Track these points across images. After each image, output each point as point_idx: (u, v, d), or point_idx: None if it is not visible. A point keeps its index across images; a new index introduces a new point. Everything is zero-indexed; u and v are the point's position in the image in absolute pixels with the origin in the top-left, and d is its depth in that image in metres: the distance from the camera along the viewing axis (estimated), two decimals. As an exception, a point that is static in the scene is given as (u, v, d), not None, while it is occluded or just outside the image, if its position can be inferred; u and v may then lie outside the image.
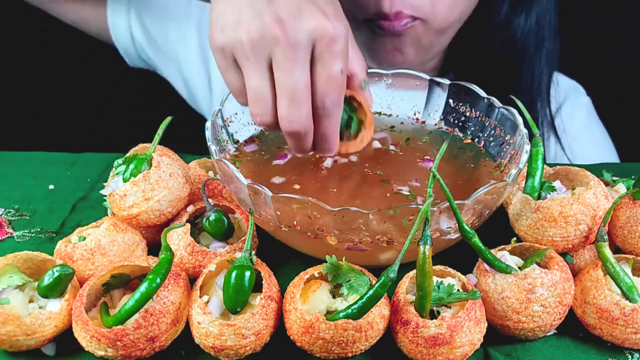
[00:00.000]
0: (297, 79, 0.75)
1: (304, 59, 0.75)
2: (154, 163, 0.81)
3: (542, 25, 1.26)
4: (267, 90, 0.77)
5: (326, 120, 0.79)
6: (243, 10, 0.76)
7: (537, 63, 1.29)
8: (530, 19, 1.25)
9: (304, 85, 0.76)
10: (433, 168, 0.70)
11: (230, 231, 0.83)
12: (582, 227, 0.77)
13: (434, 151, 0.94)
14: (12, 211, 0.95)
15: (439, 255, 0.82)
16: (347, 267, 0.72)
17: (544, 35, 1.27)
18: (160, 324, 0.69)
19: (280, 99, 0.77)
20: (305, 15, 0.75)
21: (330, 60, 0.76)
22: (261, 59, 0.76)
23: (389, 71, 1.00)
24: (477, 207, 0.76)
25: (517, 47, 1.27)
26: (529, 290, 0.71)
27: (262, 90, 0.77)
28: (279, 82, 0.76)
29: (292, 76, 0.75)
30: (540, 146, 0.82)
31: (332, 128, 0.80)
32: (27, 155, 1.08)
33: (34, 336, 0.70)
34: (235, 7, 0.77)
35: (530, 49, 1.27)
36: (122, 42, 1.41)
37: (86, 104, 1.70)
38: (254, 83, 0.77)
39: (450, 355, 0.69)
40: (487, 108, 0.95)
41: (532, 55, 1.28)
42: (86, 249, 0.77)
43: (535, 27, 1.26)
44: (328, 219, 0.74)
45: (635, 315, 0.71)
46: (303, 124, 0.77)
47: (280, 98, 0.77)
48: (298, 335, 0.69)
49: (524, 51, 1.27)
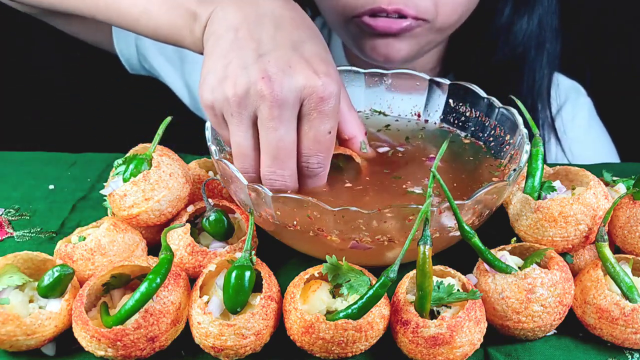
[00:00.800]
0: (280, 137, 0.74)
1: (289, 118, 0.74)
2: (154, 163, 0.81)
3: (544, 26, 1.26)
4: (249, 147, 0.76)
5: (311, 180, 0.79)
6: (232, 65, 0.74)
7: (539, 65, 1.28)
8: (533, 21, 1.24)
9: (288, 145, 0.75)
10: (433, 168, 0.70)
11: (230, 231, 0.83)
12: (582, 227, 0.77)
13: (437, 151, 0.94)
14: (12, 211, 0.95)
15: (439, 255, 0.82)
16: (347, 267, 0.72)
17: (545, 36, 1.26)
18: (160, 324, 0.69)
19: (263, 157, 0.76)
20: (295, 71, 0.73)
21: (317, 120, 0.74)
22: (246, 115, 0.74)
23: (389, 71, 1.00)
24: (477, 207, 0.76)
25: (519, 50, 1.26)
26: (529, 290, 0.71)
27: (245, 147, 0.76)
28: (263, 140, 0.75)
29: (275, 135, 0.73)
30: (540, 146, 0.82)
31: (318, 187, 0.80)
32: (27, 155, 1.08)
33: (34, 336, 0.70)
34: (225, 62, 0.75)
35: (532, 51, 1.27)
36: (126, 52, 1.40)
37: (86, 104, 1.70)
38: (237, 140, 0.76)
39: (450, 355, 0.69)
40: (487, 108, 0.95)
41: (533, 57, 1.27)
42: (86, 249, 0.77)
43: (537, 29, 1.25)
44: (328, 218, 0.74)
45: (635, 315, 0.71)
46: (285, 184, 0.77)
47: (263, 156, 0.76)
48: (298, 335, 0.69)
49: (526, 53, 1.27)
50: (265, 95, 0.72)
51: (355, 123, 0.87)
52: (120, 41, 1.39)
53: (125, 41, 1.39)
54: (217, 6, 0.79)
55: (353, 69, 1.00)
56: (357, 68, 1.00)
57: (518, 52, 1.26)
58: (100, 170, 1.05)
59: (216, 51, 0.77)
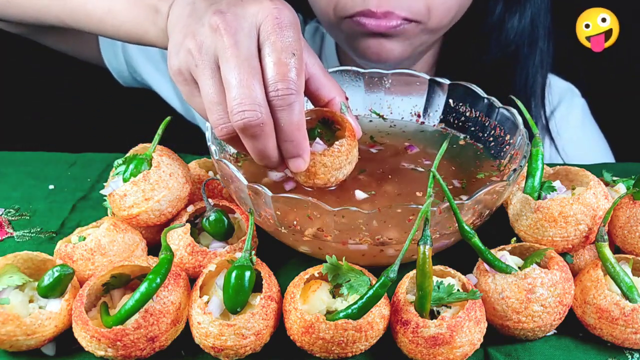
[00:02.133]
0: (240, 64, 0.68)
1: (247, 46, 0.70)
2: (154, 163, 0.81)
3: (536, 24, 1.25)
4: (218, 93, 0.71)
5: (284, 112, 0.70)
6: (189, 25, 0.74)
7: (531, 63, 1.27)
8: (525, 19, 1.24)
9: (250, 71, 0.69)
10: (433, 168, 0.70)
11: (230, 231, 0.83)
12: (582, 227, 0.77)
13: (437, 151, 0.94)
14: (12, 211, 0.95)
15: (439, 255, 0.82)
16: (347, 267, 0.72)
17: (537, 34, 1.26)
18: (160, 324, 0.69)
19: (227, 94, 0.69)
20: (247, 3, 0.71)
21: (278, 42, 0.70)
22: (209, 61, 0.71)
23: (388, 71, 1.00)
24: (477, 207, 0.77)
25: (511, 47, 1.26)
26: (529, 290, 0.71)
27: (214, 93, 0.71)
28: (224, 75, 0.70)
29: (235, 62, 0.69)
30: (540, 146, 0.82)
31: (295, 122, 0.71)
32: (27, 155, 1.08)
33: (34, 336, 0.70)
34: (183, 26, 0.75)
35: (524, 48, 1.26)
36: (116, 65, 1.40)
37: (86, 104, 1.70)
38: (206, 89, 0.71)
39: (450, 355, 0.69)
40: (487, 108, 0.95)
41: (526, 55, 1.27)
42: (86, 249, 0.77)
43: (530, 27, 1.25)
44: (328, 219, 0.74)
45: (635, 315, 0.71)
46: (254, 113, 0.69)
47: (227, 92, 0.69)
48: (298, 335, 0.69)
49: (518, 51, 1.26)
50: (219, 27, 0.70)
51: (333, 85, 0.82)
52: (109, 55, 1.39)
53: (113, 54, 1.39)
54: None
55: (353, 69, 1.00)
56: (357, 68, 1.00)
57: (510, 50, 1.26)
58: (100, 170, 1.05)
59: (177, 26, 0.77)
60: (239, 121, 0.69)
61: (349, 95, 0.88)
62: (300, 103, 0.72)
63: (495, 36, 1.24)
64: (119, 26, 0.88)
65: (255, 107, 0.69)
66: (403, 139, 0.97)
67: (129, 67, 1.40)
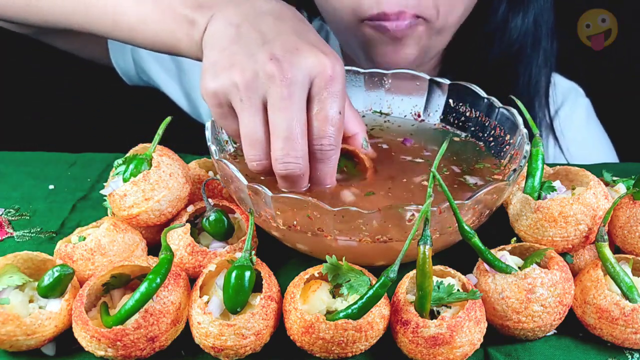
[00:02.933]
0: (292, 117, 0.72)
1: (300, 98, 0.73)
2: (154, 163, 0.81)
3: (540, 24, 1.26)
4: (260, 132, 0.74)
5: (323, 164, 0.77)
6: (237, 54, 0.74)
7: (535, 63, 1.28)
8: (528, 18, 1.24)
9: (299, 125, 0.73)
10: (433, 168, 0.70)
11: (230, 231, 0.83)
12: (582, 227, 0.77)
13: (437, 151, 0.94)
14: (12, 211, 0.95)
15: (439, 255, 0.82)
16: (347, 267, 0.72)
17: (541, 34, 1.26)
18: (160, 324, 0.69)
19: (274, 140, 0.74)
20: (303, 52, 0.73)
21: (328, 100, 0.74)
22: (255, 100, 0.73)
23: (388, 71, 1.00)
24: (477, 207, 0.77)
25: (515, 47, 1.26)
26: (529, 290, 0.71)
27: (256, 132, 0.74)
28: (273, 122, 0.73)
29: (287, 115, 0.72)
30: (540, 146, 0.82)
31: (330, 172, 0.78)
32: (27, 155, 1.08)
33: (34, 336, 0.70)
34: (228, 53, 0.75)
35: (528, 48, 1.27)
36: (123, 65, 1.40)
37: (86, 104, 1.70)
38: (248, 125, 0.74)
39: (450, 355, 0.69)
40: (487, 108, 0.95)
41: (529, 54, 1.27)
42: (86, 249, 0.77)
43: (533, 27, 1.25)
44: (328, 218, 0.74)
45: (635, 315, 0.71)
46: (298, 166, 0.75)
47: (274, 139, 0.74)
48: (298, 335, 0.69)
49: (522, 51, 1.27)
50: (274, 75, 0.71)
51: (357, 120, 0.87)
52: (117, 55, 1.39)
53: (122, 54, 1.39)
54: (216, 11, 0.80)
55: (353, 69, 1.00)
56: (357, 68, 1.00)
57: (514, 49, 1.26)
58: (100, 170, 1.05)
59: (218, 45, 0.77)
60: (282, 170, 0.75)
61: (349, 95, 0.89)
62: (337, 156, 0.78)
63: (499, 36, 1.25)
64: (151, 36, 0.86)
65: (299, 161, 0.75)
66: (401, 134, 0.97)
67: (137, 67, 1.40)
